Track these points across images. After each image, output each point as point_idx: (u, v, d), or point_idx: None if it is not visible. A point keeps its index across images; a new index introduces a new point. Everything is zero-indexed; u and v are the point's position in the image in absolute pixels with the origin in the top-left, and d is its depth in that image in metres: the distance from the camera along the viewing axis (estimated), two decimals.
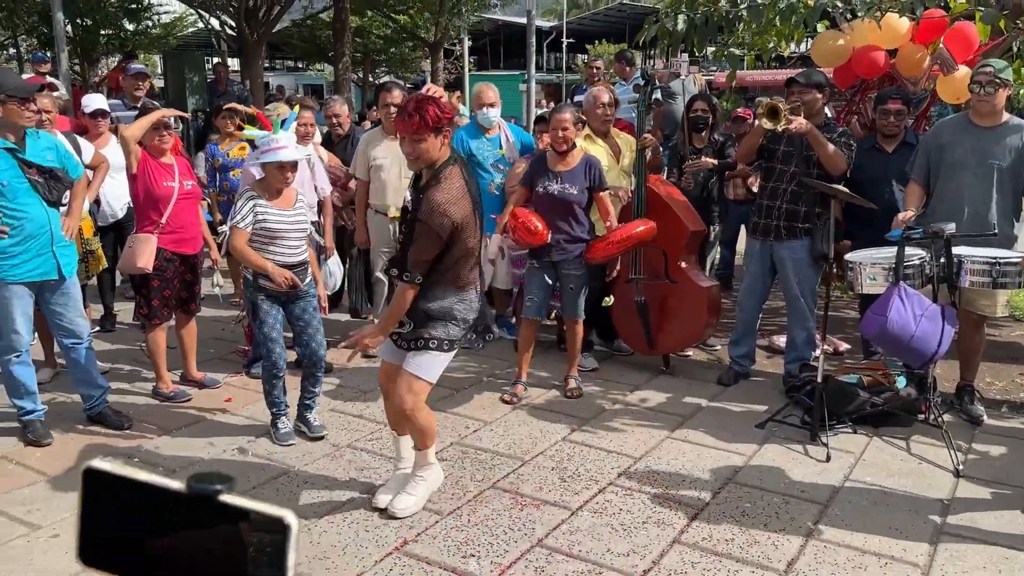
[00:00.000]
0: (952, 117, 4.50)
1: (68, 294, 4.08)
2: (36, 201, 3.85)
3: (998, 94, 4.14)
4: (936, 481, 3.71)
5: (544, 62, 37.43)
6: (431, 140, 3.07)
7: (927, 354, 3.79)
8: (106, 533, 0.75)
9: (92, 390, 4.25)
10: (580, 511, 3.45)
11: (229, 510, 0.71)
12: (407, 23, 19.63)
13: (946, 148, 4.32)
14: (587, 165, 4.57)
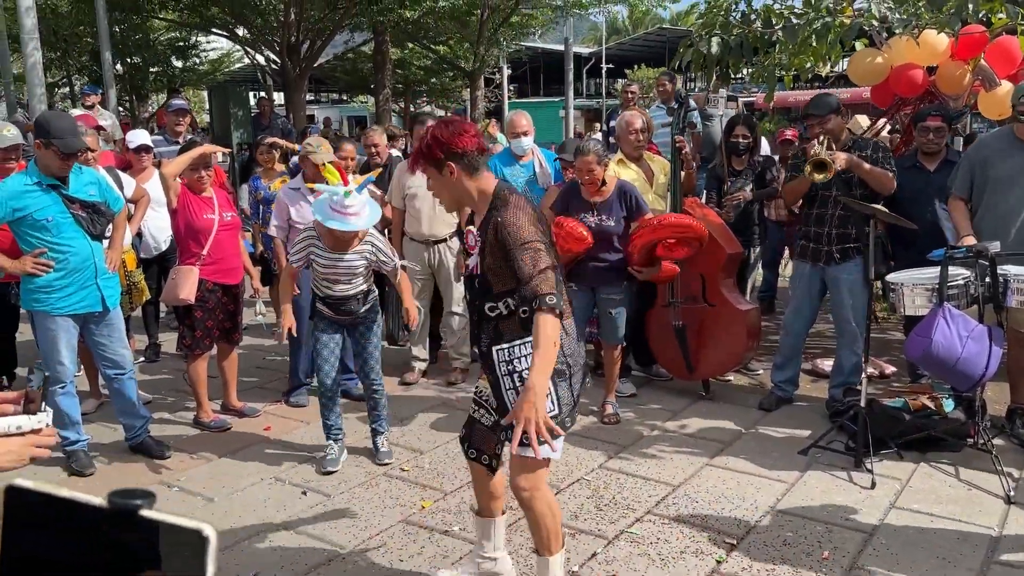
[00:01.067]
0: (996, 132, 4.40)
1: (112, 325, 4.17)
2: (80, 235, 3.96)
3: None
4: (986, 508, 3.58)
5: (584, 88, 37.63)
6: (434, 176, 2.66)
7: (974, 376, 3.68)
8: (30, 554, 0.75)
9: (134, 420, 4.33)
10: (616, 540, 3.39)
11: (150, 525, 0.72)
12: (447, 53, 19.88)
13: (991, 164, 4.22)
14: (622, 193, 4.54)
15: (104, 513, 0.74)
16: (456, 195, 2.68)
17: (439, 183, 2.66)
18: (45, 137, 3.78)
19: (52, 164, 3.82)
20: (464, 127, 2.64)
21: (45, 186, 3.87)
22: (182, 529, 0.72)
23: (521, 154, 5.42)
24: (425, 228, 5.27)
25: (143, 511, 0.73)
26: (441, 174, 2.62)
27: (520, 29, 19.34)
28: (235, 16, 14.27)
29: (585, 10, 18.37)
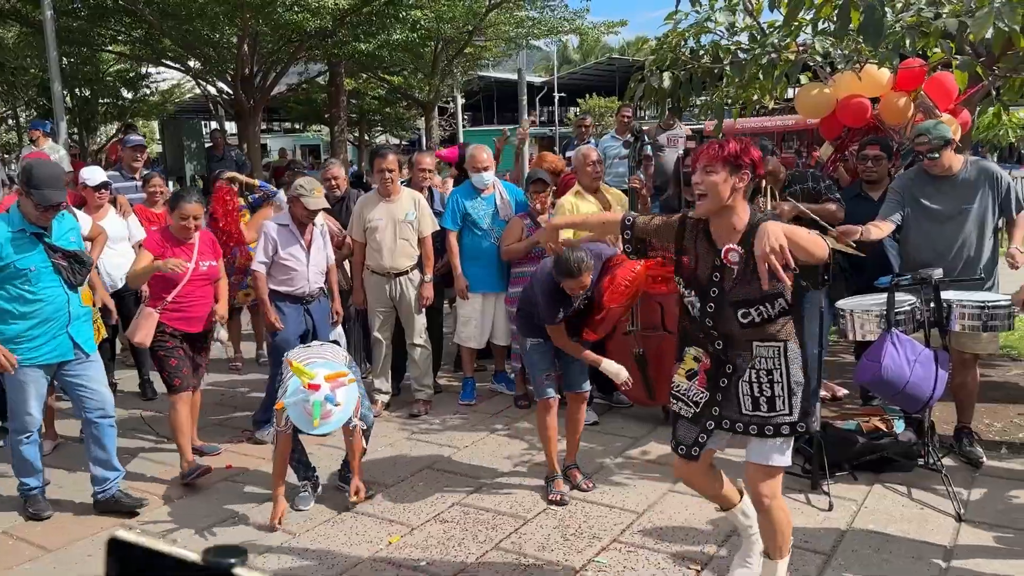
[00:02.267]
0: (913, 172, 4.62)
1: (92, 367, 4.04)
2: (58, 284, 3.87)
3: (944, 154, 4.30)
4: (939, 526, 3.71)
5: (537, 116, 38.03)
6: (722, 174, 2.75)
7: (923, 398, 3.82)
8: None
9: (107, 472, 4.11)
10: (584, 570, 3.44)
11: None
12: (401, 84, 19.99)
13: (920, 197, 4.42)
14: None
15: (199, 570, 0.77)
16: (724, 202, 2.79)
17: (723, 184, 2.76)
18: (26, 186, 3.69)
19: (30, 214, 3.75)
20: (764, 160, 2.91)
21: (29, 234, 3.77)
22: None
23: (482, 187, 5.51)
24: (386, 261, 5.31)
25: (237, 569, 0.75)
26: (730, 177, 2.76)
27: (474, 60, 19.55)
28: (187, 48, 14.21)
29: (538, 38, 18.64)
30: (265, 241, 4.88)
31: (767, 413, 2.88)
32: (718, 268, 2.87)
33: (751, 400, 2.89)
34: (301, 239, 4.89)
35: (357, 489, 4.05)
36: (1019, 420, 4.97)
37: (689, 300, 2.96)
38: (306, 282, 4.94)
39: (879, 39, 4.63)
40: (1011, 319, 3.95)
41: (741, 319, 2.84)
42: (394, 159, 5.31)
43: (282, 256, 4.85)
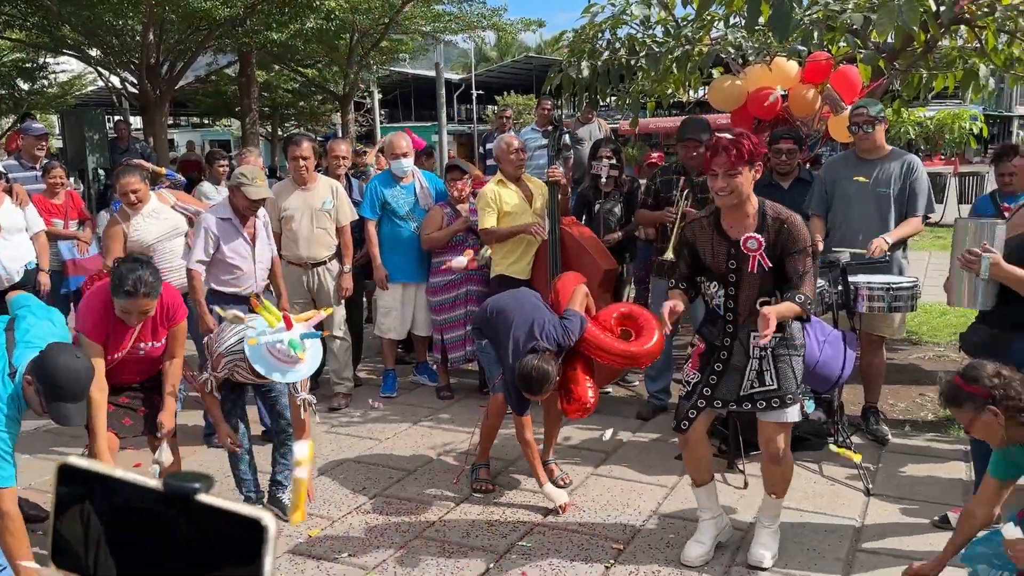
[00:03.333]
0: (842, 154, 4.78)
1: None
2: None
3: (876, 130, 4.43)
4: (849, 501, 3.85)
5: (455, 113, 37.96)
6: (745, 174, 3.01)
7: (832, 378, 3.96)
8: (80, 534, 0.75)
9: None
10: (508, 554, 3.43)
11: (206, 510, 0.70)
12: (315, 76, 19.61)
13: (839, 182, 4.57)
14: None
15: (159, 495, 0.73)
16: (747, 191, 3.05)
17: (744, 179, 3.00)
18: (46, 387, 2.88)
19: (32, 402, 2.96)
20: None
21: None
22: (241, 517, 0.71)
23: (402, 175, 5.44)
24: (303, 251, 5.19)
25: (199, 496, 0.71)
26: (750, 171, 3.01)
27: (390, 54, 19.34)
28: (88, 36, 13.59)
29: (455, 34, 18.57)
30: (204, 237, 4.40)
31: (769, 387, 3.14)
32: (734, 256, 3.11)
33: (757, 375, 3.16)
34: (244, 233, 4.50)
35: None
36: (921, 400, 5.20)
37: (710, 294, 3.31)
38: (252, 280, 4.56)
39: (787, 32, 4.79)
40: (914, 300, 4.13)
41: (757, 303, 3.09)
42: (309, 146, 5.19)
43: (225, 253, 4.44)
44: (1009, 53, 5.64)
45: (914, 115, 16.30)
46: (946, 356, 6.07)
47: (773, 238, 3.06)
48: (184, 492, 0.71)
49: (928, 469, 4.16)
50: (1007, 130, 36.60)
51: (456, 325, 5.39)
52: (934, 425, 4.78)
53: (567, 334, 3.79)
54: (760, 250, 3.05)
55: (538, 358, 3.63)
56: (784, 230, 3.05)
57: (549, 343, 3.73)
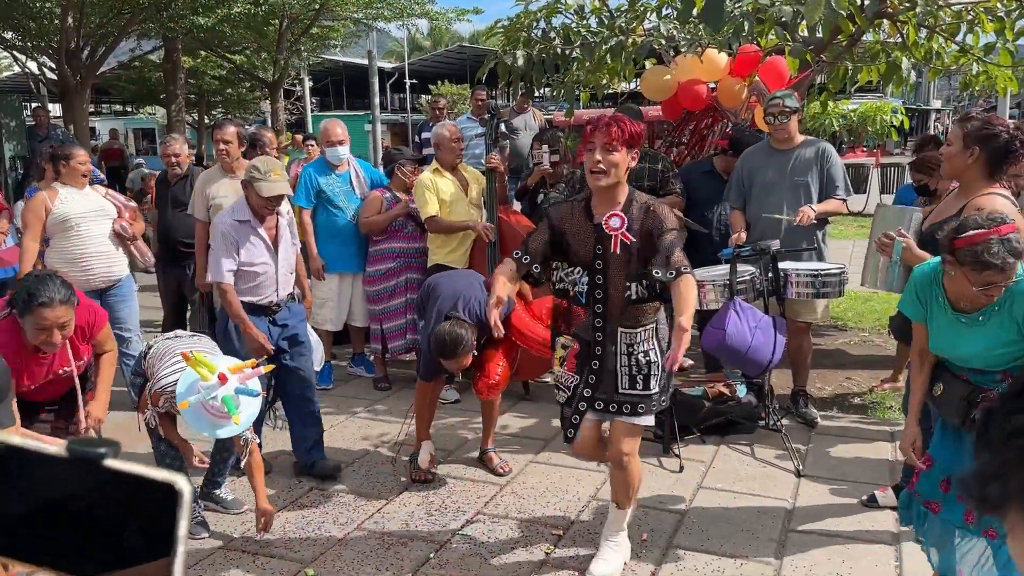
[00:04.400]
0: (756, 145, 4.88)
1: None
2: None
3: (791, 121, 4.55)
4: (780, 482, 3.95)
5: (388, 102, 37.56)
6: (623, 154, 2.89)
7: (763, 363, 4.05)
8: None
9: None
10: (449, 543, 3.43)
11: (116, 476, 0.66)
12: (243, 63, 19.13)
13: (756, 173, 4.67)
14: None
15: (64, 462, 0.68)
16: (621, 176, 2.94)
17: (621, 159, 2.90)
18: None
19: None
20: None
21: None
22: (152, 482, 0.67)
23: (337, 163, 5.35)
24: None
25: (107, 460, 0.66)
26: (627, 153, 2.92)
27: (321, 41, 18.98)
28: (3, 19, 12.99)
29: (388, 21, 18.33)
30: (223, 242, 3.80)
31: (642, 391, 3.03)
32: (599, 240, 2.97)
33: (628, 379, 3.03)
34: (264, 236, 3.88)
35: (264, 514, 3.38)
36: (847, 383, 5.37)
37: (572, 279, 3.03)
38: (274, 289, 3.93)
39: (720, 24, 4.85)
40: (842, 286, 4.25)
41: (625, 294, 2.96)
42: (233, 131, 5.04)
43: (242, 259, 3.81)
44: (929, 47, 5.84)
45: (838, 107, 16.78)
46: (871, 341, 6.28)
47: (640, 220, 2.94)
48: (90, 457, 0.66)
49: (856, 450, 4.29)
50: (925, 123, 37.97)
51: (397, 314, 5.33)
52: (860, 408, 4.94)
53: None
54: (623, 228, 2.94)
55: (452, 323, 3.68)
56: (652, 212, 2.95)
57: (470, 317, 3.77)
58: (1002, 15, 5.25)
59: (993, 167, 3.12)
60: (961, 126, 3.16)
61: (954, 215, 3.13)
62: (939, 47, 5.92)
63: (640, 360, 3.03)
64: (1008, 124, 3.20)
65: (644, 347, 3.04)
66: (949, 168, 3.22)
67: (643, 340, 3.04)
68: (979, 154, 3.10)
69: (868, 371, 5.57)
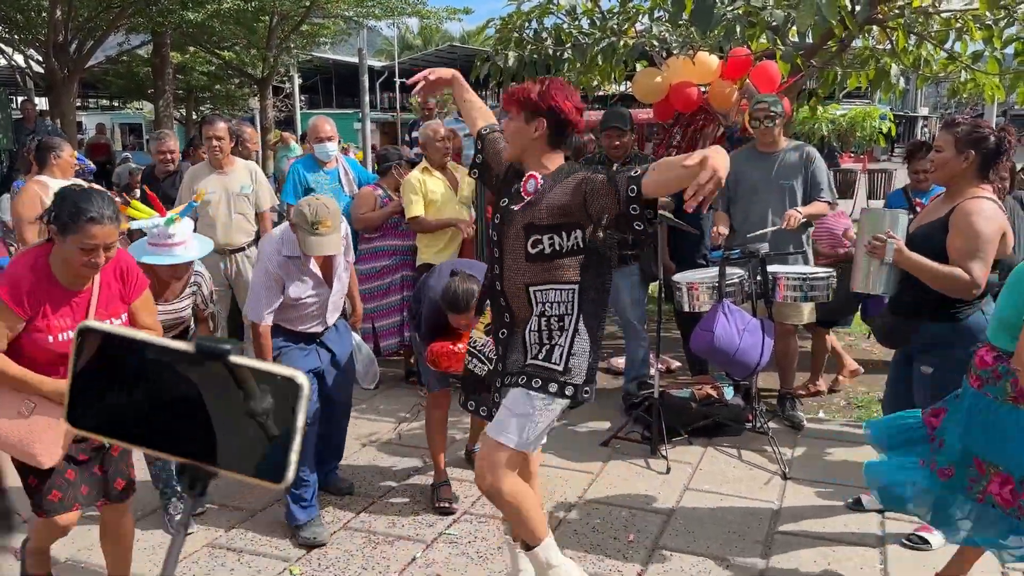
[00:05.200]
0: (741, 148, 4.91)
1: None
2: None
3: (776, 126, 4.58)
4: (767, 484, 3.96)
5: (378, 101, 37.46)
6: (516, 120, 2.64)
7: (751, 365, 4.07)
8: (99, 394, 0.77)
9: None
10: (435, 543, 3.42)
11: (240, 371, 0.71)
12: (233, 59, 19.04)
13: (741, 176, 4.69)
14: None
15: (189, 356, 0.73)
16: (525, 151, 2.69)
17: (519, 132, 2.65)
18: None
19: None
20: (579, 106, 2.67)
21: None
22: (274, 375, 0.71)
23: (326, 160, 5.33)
24: (220, 236, 5.03)
25: (232, 356, 0.71)
26: (527, 124, 2.63)
27: (311, 38, 18.92)
28: None
29: (378, 20, 18.28)
30: (266, 282, 3.40)
31: (541, 361, 2.62)
32: (509, 195, 2.71)
33: (537, 348, 2.64)
34: (316, 271, 3.50)
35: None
36: (834, 386, 5.39)
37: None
38: (323, 318, 3.63)
39: (710, 27, 4.88)
40: (829, 290, 4.27)
41: (530, 249, 2.61)
42: (224, 127, 5.02)
43: (289, 296, 3.44)
44: (918, 54, 5.88)
45: (827, 112, 16.85)
46: (858, 345, 6.31)
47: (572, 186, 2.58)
48: (218, 353, 0.72)
49: (842, 453, 4.31)
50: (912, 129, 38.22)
51: (391, 312, 5.30)
52: (846, 410, 4.97)
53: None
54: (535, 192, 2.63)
55: (459, 278, 3.41)
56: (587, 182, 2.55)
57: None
58: (990, 23, 5.29)
59: (985, 169, 3.15)
60: (951, 131, 3.18)
61: (942, 217, 3.16)
62: (928, 54, 5.96)
63: (553, 328, 2.63)
64: (991, 126, 3.24)
65: (560, 311, 2.64)
66: (942, 174, 3.23)
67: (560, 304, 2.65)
68: (973, 157, 3.12)
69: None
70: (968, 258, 3.04)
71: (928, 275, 3.12)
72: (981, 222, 3.04)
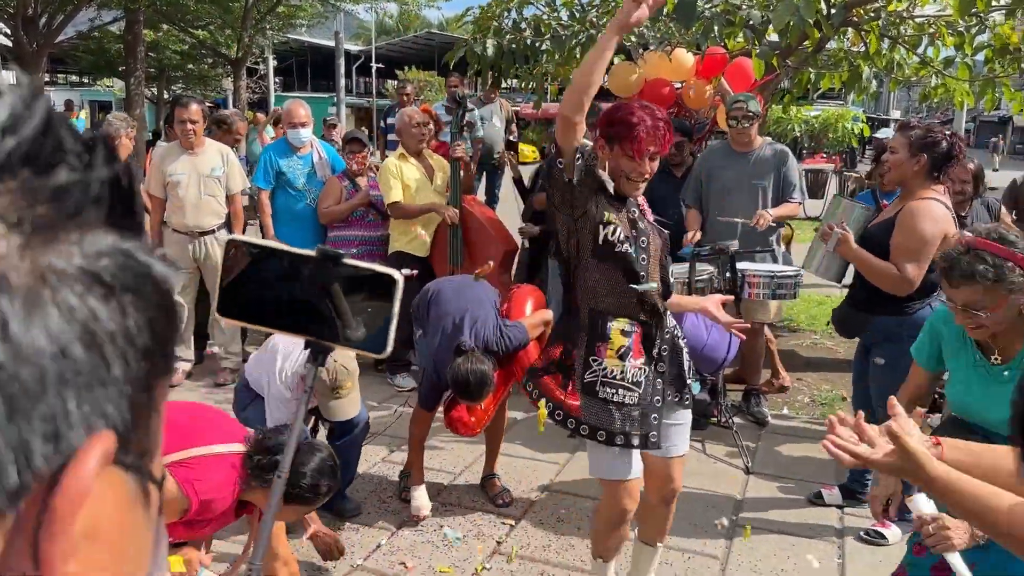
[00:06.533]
0: (715, 146, 4.94)
1: None
2: None
3: (753, 125, 4.62)
4: (730, 478, 4.02)
5: (353, 86, 37.19)
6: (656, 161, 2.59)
7: (718, 361, 4.11)
8: (242, 291, 1.01)
9: None
10: (400, 530, 3.42)
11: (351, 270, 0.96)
12: (207, 39, 18.78)
13: (715, 174, 4.73)
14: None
15: (313, 260, 0.97)
16: None
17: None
18: None
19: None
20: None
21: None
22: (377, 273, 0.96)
23: (299, 145, 5.28)
24: (190, 219, 4.98)
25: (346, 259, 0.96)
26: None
27: (287, 20, 18.71)
28: None
29: (356, 3, 18.13)
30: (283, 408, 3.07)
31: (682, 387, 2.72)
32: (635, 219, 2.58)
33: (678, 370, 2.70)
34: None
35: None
36: (797, 384, 5.47)
37: (621, 252, 2.52)
38: None
39: (691, 23, 4.91)
40: (796, 289, 4.33)
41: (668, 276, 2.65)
42: (197, 109, 4.96)
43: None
44: (891, 58, 5.96)
45: (801, 113, 17.03)
46: (822, 343, 6.40)
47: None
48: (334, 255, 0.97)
49: (804, 449, 4.38)
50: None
51: None
52: (810, 407, 5.04)
53: (502, 341, 3.36)
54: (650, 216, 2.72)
55: (468, 359, 3.18)
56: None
57: (477, 342, 3.28)
58: (962, 30, 5.38)
59: (936, 172, 3.23)
60: (905, 135, 3.27)
61: (892, 216, 3.25)
62: (900, 58, 6.04)
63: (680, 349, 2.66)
64: (946, 131, 3.32)
65: (677, 332, 2.70)
66: (896, 175, 3.32)
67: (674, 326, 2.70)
68: (925, 161, 3.20)
69: (818, 373, 5.68)
70: (904, 256, 3.14)
71: (865, 268, 3.23)
72: (924, 223, 3.14)
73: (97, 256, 0.33)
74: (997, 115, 36.38)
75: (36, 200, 0.32)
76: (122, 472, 0.35)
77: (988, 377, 2.23)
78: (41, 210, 0.32)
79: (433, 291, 3.59)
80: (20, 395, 0.30)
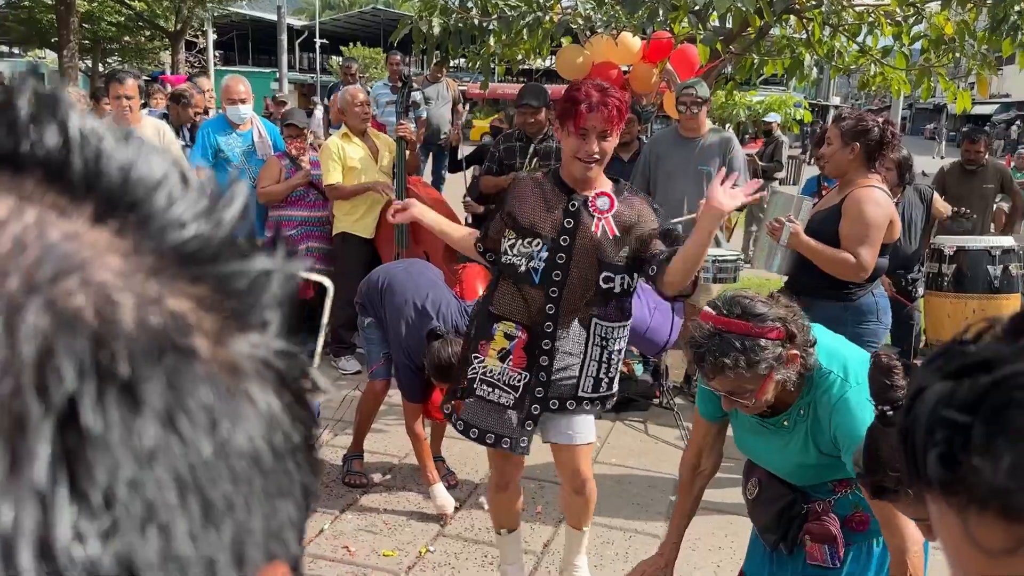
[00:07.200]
0: (663, 131, 4.98)
1: None
2: None
3: (702, 111, 4.68)
4: (671, 459, 4.08)
5: (296, 61, 36.51)
6: (615, 137, 2.46)
7: (660, 343, 4.18)
8: None
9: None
10: (344, 514, 3.41)
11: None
12: (144, 10, 18.23)
13: (662, 160, 4.78)
14: None
15: None
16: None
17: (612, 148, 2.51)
18: None
19: None
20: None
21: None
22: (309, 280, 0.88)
23: (239, 122, 5.16)
24: None
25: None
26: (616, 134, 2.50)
27: None
28: None
29: None
30: None
31: (605, 393, 2.66)
32: (573, 214, 2.49)
33: (593, 382, 2.60)
34: None
35: None
36: None
37: (528, 253, 2.50)
38: None
39: (637, 7, 4.92)
40: (736, 273, 4.41)
41: (602, 283, 2.51)
42: (133, 84, 4.80)
43: None
44: (831, 46, 6.08)
45: (744, 99, 17.27)
46: None
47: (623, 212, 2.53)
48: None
49: None
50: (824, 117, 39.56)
51: None
52: None
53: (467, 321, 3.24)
54: (609, 213, 2.50)
55: (445, 343, 3.18)
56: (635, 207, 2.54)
57: (446, 325, 3.28)
58: (900, 20, 5.51)
59: (870, 159, 3.31)
60: (837, 125, 3.35)
61: (836, 205, 3.33)
62: (841, 46, 6.17)
63: (612, 361, 2.61)
64: (877, 119, 3.39)
65: (614, 347, 2.60)
66: (832, 166, 3.40)
67: (615, 339, 2.60)
68: (858, 149, 3.27)
69: None
70: (857, 243, 3.22)
71: (820, 259, 3.29)
72: (870, 209, 3.22)
73: (276, 350, 0.30)
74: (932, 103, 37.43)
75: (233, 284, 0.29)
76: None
77: (770, 429, 2.08)
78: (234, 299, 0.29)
79: (384, 279, 3.52)
80: (218, 501, 0.26)
